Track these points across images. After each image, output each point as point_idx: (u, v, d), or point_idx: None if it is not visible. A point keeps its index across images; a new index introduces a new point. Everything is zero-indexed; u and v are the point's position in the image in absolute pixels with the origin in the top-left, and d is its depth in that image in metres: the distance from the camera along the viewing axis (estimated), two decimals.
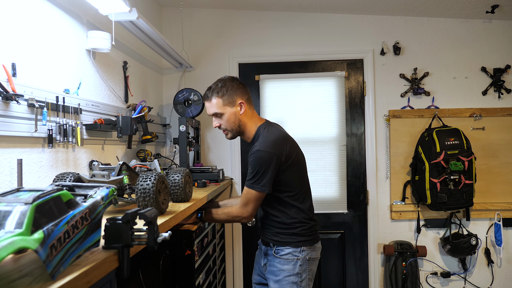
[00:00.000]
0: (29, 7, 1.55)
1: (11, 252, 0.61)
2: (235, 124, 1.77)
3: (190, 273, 1.83)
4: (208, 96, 1.76)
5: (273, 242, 1.79)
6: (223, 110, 1.74)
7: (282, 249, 1.76)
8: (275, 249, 1.78)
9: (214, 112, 1.76)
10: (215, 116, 1.78)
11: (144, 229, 0.94)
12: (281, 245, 1.77)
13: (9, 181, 1.40)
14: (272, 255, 1.78)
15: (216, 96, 1.74)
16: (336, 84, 3.11)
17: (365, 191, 3.06)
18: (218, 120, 1.78)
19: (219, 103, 1.74)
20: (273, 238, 1.79)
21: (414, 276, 2.89)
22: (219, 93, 1.73)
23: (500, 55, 2.99)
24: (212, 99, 1.75)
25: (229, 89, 1.74)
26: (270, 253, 1.80)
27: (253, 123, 1.80)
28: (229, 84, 1.75)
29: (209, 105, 1.77)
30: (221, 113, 1.75)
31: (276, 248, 1.78)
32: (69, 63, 1.81)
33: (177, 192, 1.60)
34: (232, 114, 1.75)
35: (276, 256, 1.77)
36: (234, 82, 1.76)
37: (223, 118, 1.76)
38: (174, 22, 3.12)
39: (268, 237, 1.81)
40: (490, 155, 2.96)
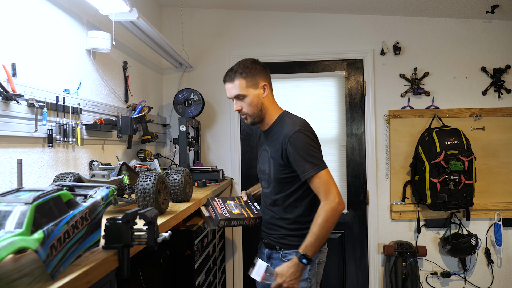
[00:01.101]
0: (29, 7, 1.55)
1: (11, 252, 0.61)
2: (257, 107, 1.64)
3: (190, 273, 1.83)
4: (231, 77, 1.62)
5: (280, 245, 1.67)
6: (246, 92, 1.61)
7: (290, 253, 1.62)
8: (282, 252, 1.66)
9: (237, 93, 1.61)
10: (237, 98, 1.63)
11: (144, 229, 0.94)
12: (289, 248, 1.64)
13: (9, 181, 1.40)
14: (279, 259, 1.66)
15: (240, 77, 1.60)
16: (336, 84, 3.11)
17: (365, 191, 3.06)
18: (240, 103, 1.64)
19: (242, 84, 1.60)
20: (280, 241, 1.67)
21: (414, 276, 2.88)
22: (242, 74, 1.61)
23: (500, 55, 2.99)
24: (234, 80, 1.61)
25: (252, 70, 1.62)
26: (276, 257, 1.68)
27: (273, 109, 1.70)
28: (252, 66, 1.63)
29: (230, 87, 1.63)
30: (244, 95, 1.61)
31: (283, 251, 1.66)
32: (69, 63, 1.81)
33: (177, 192, 1.60)
34: (255, 96, 1.62)
35: (283, 261, 1.63)
36: (257, 64, 1.66)
37: (245, 100, 1.62)
38: (174, 22, 3.12)
39: (274, 240, 1.69)
40: (490, 155, 2.96)
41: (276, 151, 1.61)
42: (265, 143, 1.71)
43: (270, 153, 1.65)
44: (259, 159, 1.77)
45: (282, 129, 1.61)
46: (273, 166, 1.63)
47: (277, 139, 1.62)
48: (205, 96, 2.98)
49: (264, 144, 1.73)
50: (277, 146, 1.60)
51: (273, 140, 1.65)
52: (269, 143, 1.67)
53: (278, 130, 1.64)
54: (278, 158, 1.60)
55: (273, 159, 1.63)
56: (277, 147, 1.60)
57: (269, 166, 1.65)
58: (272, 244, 1.69)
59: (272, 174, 1.64)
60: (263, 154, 1.73)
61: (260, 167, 1.75)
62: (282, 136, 1.58)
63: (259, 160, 1.77)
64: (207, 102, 3.05)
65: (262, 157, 1.73)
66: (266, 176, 1.68)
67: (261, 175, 1.74)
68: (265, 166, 1.69)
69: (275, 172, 1.63)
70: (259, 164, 1.77)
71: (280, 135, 1.60)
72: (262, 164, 1.73)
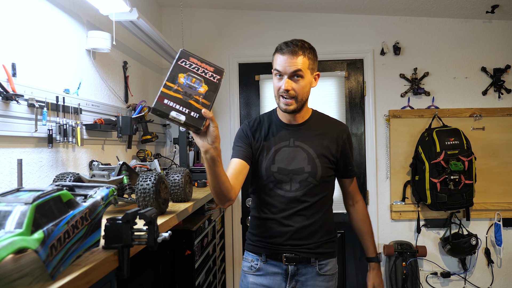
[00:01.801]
0: (29, 7, 1.55)
1: (11, 252, 0.61)
2: (307, 94, 1.46)
3: (190, 273, 1.83)
4: (295, 50, 1.39)
5: (316, 255, 1.47)
6: (305, 73, 1.40)
7: (327, 263, 1.48)
8: (318, 264, 1.47)
9: (298, 69, 1.38)
10: (295, 75, 1.39)
11: (144, 229, 0.93)
12: (326, 257, 1.48)
13: (9, 181, 1.40)
14: (315, 273, 1.46)
15: (306, 54, 1.41)
16: (336, 84, 3.11)
17: (365, 191, 3.06)
18: (294, 81, 1.40)
19: (305, 62, 1.40)
20: (317, 251, 1.47)
21: (414, 276, 2.88)
22: (307, 52, 1.42)
23: (500, 55, 2.99)
24: (299, 55, 1.39)
25: (314, 53, 1.46)
26: (309, 272, 1.47)
27: (307, 103, 1.54)
28: (313, 49, 1.47)
29: (292, 61, 1.38)
30: (302, 75, 1.40)
31: (319, 263, 1.47)
32: (69, 63, 1.81)
33: (177, 192, 1.60)
34: (308, 82, 1.44)
35: (320, 274, 1.46)
36: (315, 51, 1.48)
37: (300, 82, 1.40)
38: (174, 22, 3.13)
39: (308, 251, 1.46)
40: (490, 155, 2.96)
41: (326, 146, 1.47)
42: (294, 138, 1.49)
43: (315, 149, 1.46)
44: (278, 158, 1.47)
45: (332, 124, 1.54)
46: (320, 164, 1.45)
47: (323, 134, 1.49)
48: None
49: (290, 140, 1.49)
50: (325, 141, 1.48)
51: (313, 134, 1.49)
52: (305, 138, 1.48)
53: (322, 125, 1.52)
54: (330, 155, 1.47)
55: (322, 156, 1.46)
56: (326, 142, 1.47)
57: (313, 164, 1.45)
58: (304, 257, 1.46)
59: (320, 173, 1.45)
60: (289, 152, 1.47)
61: (282, 166, 1.46)
62: (338, 131, 1.51)
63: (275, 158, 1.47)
64: None
65: (288, 154, 1.47)
66: (305, 175, 1.45)
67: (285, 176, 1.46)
68: (302, 165, 1.45)
69: (323, 170, 1.46)
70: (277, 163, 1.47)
71: (332, 131, 1.50)
72: (290, 162, 1.46)
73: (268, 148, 1.49)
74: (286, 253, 1.45)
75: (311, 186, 1.45)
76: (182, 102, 1.07)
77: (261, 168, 1.48)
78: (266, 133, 1.52)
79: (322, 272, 1.46)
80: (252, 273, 1.51)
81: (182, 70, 1.11)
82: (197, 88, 1.11)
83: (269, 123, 1.54)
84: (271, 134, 1.51)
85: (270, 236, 1.48)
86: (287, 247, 1.45)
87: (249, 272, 1.52)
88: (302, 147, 1.47)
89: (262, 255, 1.49)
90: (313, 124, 1.52)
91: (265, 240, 1.49)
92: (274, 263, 1.47)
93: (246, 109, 3.17)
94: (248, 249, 1.56)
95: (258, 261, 1.50)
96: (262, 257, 1.49)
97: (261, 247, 1.50)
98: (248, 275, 1.52)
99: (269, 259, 1.48)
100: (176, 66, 1.11)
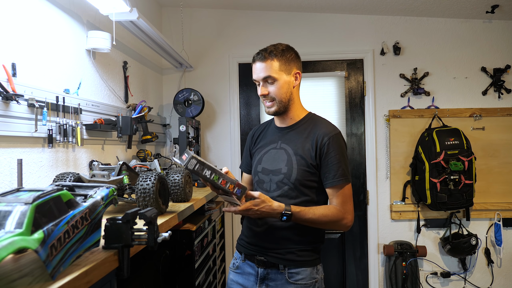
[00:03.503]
0: (29, 7, 1.55)
1: (11, 252, 0.61)
2: (286, 95, 1.46)
3: (190, 273, 1.83)
4: (263, 56, 1.45)
5: (286, 262, 1.42)
6: (277, 75, 1.44)
7: (298, 272, 1.42)
8: (288, 272, 1.42)
9: (267, 75, 1.44)
10: (265, 81, 1.46)
11: (144, 229, 0.94)
12: (298, 266, 1.42)
13: (9, 181, 1.40)
14: (285, 281, 1.42)
15: (274, 58, 1.44)
16: (336, 84, 3.11)
17: (365, 191, 3.06)
18: (268, 86, 1.46)
19: (275, 66, 1.43)
20: (287, 257, 1.42)
21: (414, 276, 2.88)
22: (277, 55, 1.44)
23: (500, 55, 2.99)
24: (267, 60, 1.44)
25: (287, 54, 1.47)
26: (279, 278, 1.42)
27: (300, 105, 1.55)
28: (287, 50, 1.48)
29: (261, 67, 1.45)
30: (274, 78, 1.44)
31: (289, 271, 1.42)
32: (69, 63, 1.81)
33: (177, 192, 1.60)
34: (286, 82, 1.45)
35: (291, 282, 1.41)
36: (292, 50, 1.50)
37: (275, 85, 1.44)
38: (174, 22, 3.12)
39: (277, 256, 1.43)
40: (490, 155, 2.96)
41: (307, 149, 1.43)
42: (281, 140, 1.51)
43: (295, 151, 1.45)
44: (264, 158, 1.53)
45: (318, 127, 1.47)
46: (297, 166, 1.43)
47: (307, 137, 1.46)
48: (205, 96, 2.98)
49: (278, 142, 1.52)
50: (307, 144, 1.44)
51: (300, 137, 1.47)
52: (290, 141, 1.49)
53: (309, 127, 1.49)
54: (309, 158, 1.42)
55: (301, 158, 1.43)
56: (308, 146, 1.44)
57: (290, 166, 1.44)
58: (273, 262, 1.43)
59: (294, 175, 1.42)
60: (274, 153, 1.50)
61: (265, 167, 1.50)
62: (319, 134, 1.43)
63: (262, 159, 1.53)
64: (207, 102, 3.05)
65: (273, 156, 1.50)
66: (281, 176, 1.45)
67: (266, 176, 1.49)
68: (280, 165, 1.46)
69: (300, 173, 1.42)
70: (262, 164, 1.52)
71: (315, 133, 1.45)
72: (272, 163, 1.49)
73: (260, 150, 1.57)
74: (258, 255, 1.47)
75: (286, 188, 1.43)
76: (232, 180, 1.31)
77: (252, 168, 1.58)
78: (263, 136, 1.60)
79: (292, 281, 1.41)
80: (233, 270, 1.56)
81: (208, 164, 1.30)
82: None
83: (268, 127, 1.61)
84: (265, 137, 1.59)
85: (248, 235, 1.52)
86: (257, 248, 1.47)
87: (231, 268, 1.57)
88: (285, 149, 1.49)
89: (242, 254, 1.54)
90: (301, 127, 1.51)
91: (245, 239, 1.54)
92: (250, 264, 1.50)
93: (246, 109, 3.17)
94: (236, 246, 1.61)
95: (239, 259, 1.55)
96: (242, 256, 1.53)
97: (242, 246, 1.55)
98: (230, 271, 1.58)
99: (247, 259, 1.51)
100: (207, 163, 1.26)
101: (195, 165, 1.23)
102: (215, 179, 1.24)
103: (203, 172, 1.24)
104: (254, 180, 1.56)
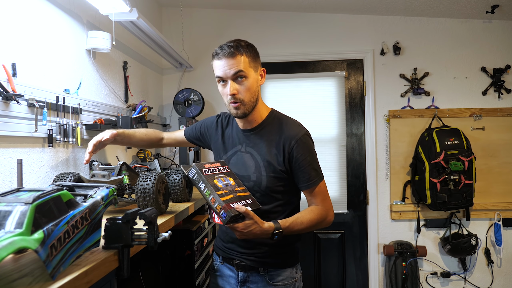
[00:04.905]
0: (29, 7, 1.55)
1: (11, 252, 0.61)
2: (254, 94, 1.35)
3: (190, 273, 1.83)
4: (231, 51, 1.30)
5: (266, 265, 1.40)
6: (248, 72, 1.32)
7: (279, 273, 1.40)
8: (268, 274, 1.40)
9: (239, 70, 1.30)
10: (236, 77, 1.32)
11: (144, 229, 0.94)
12: (278, 267, 1.40)
13: (9, 181, 1.40)
14: (265, 283, 1.39)
15: (244, 53, 1.32)
16: (336, 84, 3.11)
17: (365, 191, 3.06)
18: (238, 84, 1.32)
19: (245, 61, 1.32)
20: (265, 260, 1.39)
21: (414, 276, 2.89)
22: (246, 51, 1.33)
23: (500, 55, 2.99)
24: (237, 55, 1.31)
25: (253, 50, 1.37)
26: (259, 280, 1.40)
27: (262, 103, 1.44)
28: (251, 45, 1.39)
29: (231, 62, 1.30)
30: (245, 75, 1.32)
31: (269, 273, 1.40)
32: (69, 63, 1.81)
33: (177, 192, 1.59)
34: (254, 80, 1.35)
35: (271, 284, 1.39)
36: (254, 47, 1.41)
37: (245, 83, 1.32)
38: (174, 22, 3.13)
39: (255, 260, 1.40)
40: (490, 155, 2.96)
41: (274, 154, 1.36)
42: (247, 144, 1.42)
43: (262, 157, 1.38)
44: (232, 162, 1.45)
45: (283, 129, 1.38)
46: (266, 174, 1.36)
47: (273, 140, 1.38)
48: (205, 96, 2.98)
49: (243, 145, 1.43)
50: (273, 149, 1.36)
51: (265, 141, 1.39)
52: (255, 145, 1.40)
53: (273, 129, 1.40)
54: (278, 164, 1.35)
55: (269, 165, 1.36)
56: (274, 151, 1.36)
57: (258, 174, 1.37)
58: (251, 266, 1.41)
59: (264, 183, 1.36)
60: (241, 157, 1.43)
61: (234, 171, 1.40)
62: (285, 138, 1.35)
63: (230, 162, 1.45)
64: (207, 102, 3.05)
65: (240, 160, 1.42)
66: (251, 183, 1.38)
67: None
68: (248, 172, 1.39)
69: (269, 180, 1.36)
70: (231, 167, 1.42)
71: (280, 136, 1.37)
72: (240, 168, 1.42)
73: (225, 150, 1.49)
74: (236, 259, 1.44)
75: (258, 195, 1.37)
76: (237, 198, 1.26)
77: None
78: (228, 133, 1.50)
79: (273, 282, 1.39)
80: (213, 272, 1.55)
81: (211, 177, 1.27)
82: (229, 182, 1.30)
83: (231, 124, 1.52)
84: (229, 136, 1.49)
85: (225, 240, 1.49)
86: (235, 253, 1.44)
87: (211, 271, 1.56)
88: (252, 153, 1.41)
89: (220, 256, 1.52)
90: (265, 128, 1.41)
91: (222, 243, 1.51)
92: (229, 266, 1.48)
93: None
94: (214, 249, 1.60)
95: (217, 261, 1.53)
96: (220, 258, 1.52)
97: (219, 249, 1.53)
98: (211, 273, 1.57)
99: (225, 261, 1.49)
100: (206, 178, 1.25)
101: (194, 175, 1.26)
102: (206, 194, 1.24)
103: (199, 184, 1.26)
104: None
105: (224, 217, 1.20)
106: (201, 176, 1.24)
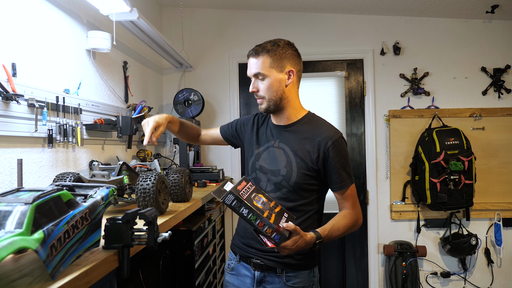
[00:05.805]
0: (29, 7, 1.55)
1: (11, 252, 0.61)
2: (276, 93, 1.41)
3: (190, 273, 1.83)
4: (256, 52, 1.42)
5: (283, 266, 1.38)
6: (267, 73, 1.39)
7: (295, 275, 1.39)
8: (285, 276, 1.39)
9: (257, 72, 1.40)
10: (256, 77, 1.42)
11: (144, 229, 0.94)
12: (296, 269, 1.39)
13: (9, 181, 1.40)
14: (282, 284, 1.38)
15: (265, 54, 1.40)
16: (336, 84, 3.11)
17: (365, 191, 3.06)
18: (258, 83, 1.42)
19: (265, 62, 1.40)
20: (284, 261, 1.38)
21: (414, 276, 2.88)
22: (269, 51, 1.41)
23: (500, 55, 2.99)
24: (259, 56, 1.41)
25: (281, 50, 1.43)
26: (276, 281, 1.39)
27: (298, 104, 1.49)
28: (283, 46, 1.45)
29: (253, 62, 1.42)
30: (264, 75, 1.40)
31: (287, 274, 1.39)
32: (69, 63, 1.81)
33: (177, 192, 1.60)
34: (276, 80, 1.40)
35: (287, 285, 1.38)
36: (290, 47, 1.47)
37: (265, 82, 1.40)
38: (174, 22, 3.13)
39: (274, 259, 1.39)
40: (490, 155, 2.96)
41: (308, 152, 1.38)
42: (280, 140, 1.45)
43: (294, 153, 1.40)
44: (263, 156, 1.47)
45: (319, 129, 1.42)
46: (297, 169, 1.38)
47: (307, 139, 1.41)
48: (205, 96, 2.98)
49: (276, 140, 1.46)
50: (307, 146, 1.39)
51: (298, 138, 1.42)
52: (288, 141, 1.43)
53: (309, 129, 1.43)
54: (310, 161, 1.37)
55: (301, 161, 1.38)
56: (308, 147, 1.39)
57: (289, 168, 1.39)
58: (269, 266, 1.39)
59: (294, 178, 1.38)
60: (273, 152, 1.45)
61: (264, 165, 1.45)
62: (321, 138, 1.38)
63: (261, 156, 1.47)
64: (207, 102, 3.05)
65: (272, 154, 1.45)
66: (279, 178, 1.40)
67: (264, 175, 1.44)
68: (279, 166, 1.41)
69: (299, 176, 1.37)
70: (260, 161, 1.46)
71: (316, 136, 1.40)
72: (270, 162, 1.44)
73: (258, 145, 1.51)
74: (254, 258, 1.42)
75: (285, 191, 1.39)
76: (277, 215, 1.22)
77: (249, 163, 1.51)
78: (262, 130, 1.54)
79: (290, 284, 1.38)
80: (228, 271, 1.52)
81: (250, 200, 1.20)
82: (263, 200, 1.24)
83: (267, 122, 1.56)
84: (263, 132, 1.53)
85: (244, 236, 1.46)
86: (254, 250, 1.42)
87: (227, 269, 1.53)
88: (284, 149, 1.44)
89: (237, 255, 1.49)
90: (300, 127, 1.45)
91: (240, 240, 1.48)
92: (245, 265, 1.45)
93: (246, 109, 3.17)
94: (230, 246, 1.56)
95: (234, 260, 1.50)
96: (237, 257, 1.49)
97: (237, 247, 1.50)
98: (226, 272, 1.54)
99: (242, 260, 1.47)
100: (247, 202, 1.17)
101: (233, 201, 1.16)
102: (252, 219, 1.17)
103: (240, 210, 1.17)
104: (250, 176, 1.49)
105: (278, 239, 1.17)
106: (242, 201, 1.16)
